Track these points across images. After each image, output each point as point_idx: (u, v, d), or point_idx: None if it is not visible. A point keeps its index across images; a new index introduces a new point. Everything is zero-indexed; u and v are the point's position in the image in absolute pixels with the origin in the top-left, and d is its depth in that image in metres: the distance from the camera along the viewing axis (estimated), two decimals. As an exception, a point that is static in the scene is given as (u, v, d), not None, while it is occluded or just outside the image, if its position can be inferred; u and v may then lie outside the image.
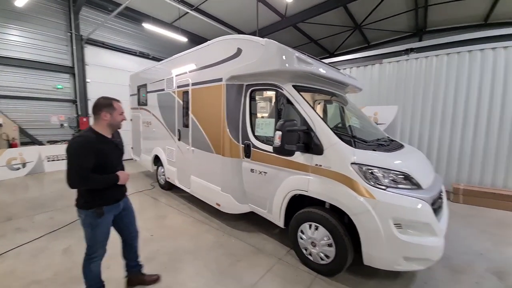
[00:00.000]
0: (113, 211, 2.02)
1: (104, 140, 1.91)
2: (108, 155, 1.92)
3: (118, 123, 1.99)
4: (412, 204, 2.07)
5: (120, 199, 2.07)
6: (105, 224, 1.96)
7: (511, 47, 4.59)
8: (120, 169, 2.06)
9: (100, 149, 1.83)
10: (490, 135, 4.80)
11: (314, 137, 2.48)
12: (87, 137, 1.82)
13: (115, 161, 2.02)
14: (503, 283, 2.46)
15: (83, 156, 1.76)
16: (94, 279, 2.04)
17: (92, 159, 1.78)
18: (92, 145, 1.79)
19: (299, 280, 2.47)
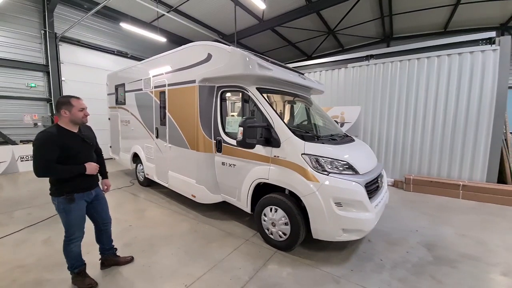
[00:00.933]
0: (84, 197, 2.21)
1: (68, 134, 2.07)
2: (73, 148, 2.07)
3: (79, 119, 2.12)
4: (347, 186, 2.54)
5: (90, 187, 2.27)
6: (77, 209, 2.15)
7: (453, 54, 5.32)
8: (90, 160, 2.21)
9: (63, 142, 2.00)
10: (435, 132, 5.53)
11: (273, 132, 2.90)
12: (50, 132, 1.99)
13: (82, 153, 2.16)
14: (430, 253, 3.00)
15: (46, 149, 1.94)
16: (75, 258, 2.27)
17: (55, 151, 1.96)
18: (55, 139, 1.97)
19: (261, 255, 2.88)
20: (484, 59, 5.12)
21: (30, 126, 7.98)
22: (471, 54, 5.21)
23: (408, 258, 2.84)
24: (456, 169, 5.41)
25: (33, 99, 8.02)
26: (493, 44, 5.12)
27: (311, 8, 8.78)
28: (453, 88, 5.33)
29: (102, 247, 2.58)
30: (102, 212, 2.45)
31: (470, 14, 9.51)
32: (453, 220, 4.00)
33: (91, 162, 2.22)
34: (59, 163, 1.99)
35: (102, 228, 2.49)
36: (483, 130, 5.15)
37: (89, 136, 2.28)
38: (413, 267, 2.67)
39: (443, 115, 5.45)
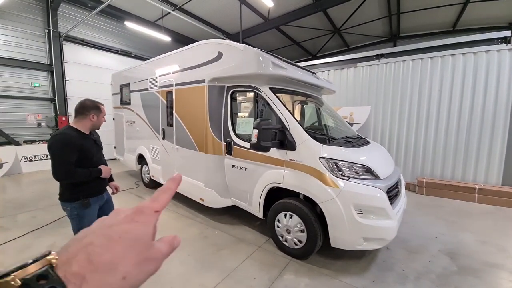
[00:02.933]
0: (98, 202, 2.18)
1: (84, 136, 2.06)
2: (89, 150, 2.06)
3: (100, 124, 2.18)
4: (369, 192, 2.40)
5: (103, 191, 2.24)
6: (91, 215, 2.10)
7: (468, 53, 5.15)
8: (102, 162, 2.22)
9: (81, 144, 1.98)
10: (449, 134, 5.36)
11: (288, 134, 2.76)
12: (68, 134, 1.95)
13: (96, 155, 2.16)
14: (454, 262, 2.85)
15: (66, 152, 1.90)
16: None
17: (74, 154, 1.93)
18: (74, 141, 1.94)
19: (275, 263, 2.74)
20: (500, 58, 4.95)
21: (34, 126, 7.89)
22: (486, 53, 5.04)
23: (431, 268, 2.70)
24: (471, 172, 5.24)
25: (37, 98, 7.93)
26: (508, 43, 4.95)
27: (318, 6, 8.61)
28: (468, 88, 5.16)
29: None
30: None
31: (479, 13, 9.31)
32: (471, 226, 3.84)
33: (103, 164, 2.20)
34: (75, 166, 1.95)
35: None
36: (499, 131, 4.98)
37: (98, 139, 2.28)
38: (438, 278, 2.53)
39: (458, 116, 5.28)
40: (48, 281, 0.26)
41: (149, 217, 0.35)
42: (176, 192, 0.42)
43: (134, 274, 0.30)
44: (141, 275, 0.32)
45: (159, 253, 0.34)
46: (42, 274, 0.26)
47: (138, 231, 0.33)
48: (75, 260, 0.28)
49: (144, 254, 0.32)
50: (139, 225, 0.34)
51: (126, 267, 0.30)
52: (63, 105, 8.27)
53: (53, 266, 0.27)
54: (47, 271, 0.27)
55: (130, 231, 0.33)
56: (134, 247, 0.32)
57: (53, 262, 0.28)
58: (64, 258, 0.29)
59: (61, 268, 0.27)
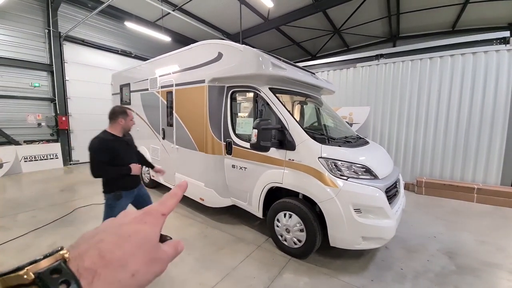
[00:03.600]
0: (129, 196, 2.48)
1: (116, 139, 2.37)
2: (120, 150, 2.35)
3: (129, 127, 2.46)
4: (368, 192, 2.42)
5: (134, 186, 2.53)
6: (121, 206, 2.38)
7: (467, 54, 5.16)
8: (133, 161, 2.47)
9: (113, 146, 2.29)
10: (448, 134, 5.38)
11: (288, 134, 2.78)
12: (103, 138, 2.30)
13: (127, 156, 2.44)
14: (452, 262, 2.87)
15: (100, 153, 2.23)
16: None
17: (107, 155, 2.25)
18: (107, 144, 2.27)
19: (275, 262, 2.76)
20: (499, 59, 4.97)
21: (34, 126, 7.89)
22: (485, 53, 5.06)
23: (429, 267, 2.71)
24: (470, 172, 5.25)
25: (37, 98, 7.93)
26: (507, 44, 4.97)
27: (317, 6, 8.63)
28: (467, 89, 5.18)
29: None
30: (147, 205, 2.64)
31: (478, 13, 9.33)
32: (470, 225, 3.86)
33: (134, 163, 2.44)
34: (109, 164, 2.27)
35: None
36: (497, 131, 5.00)
37: (130, 140, 2.59)
38: (436, 277, 2.54)
39: (457, 116, 5.29)
40: (61, 275, 0.27)
41: (157, 219, 0.37)
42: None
43: (142, 273, 0.32)
44: (149, 274, 0.33)
45: (165, 254, 0.36)
46: (55, 268, 0.27)
47: (147, 232, 0.35)
48: (87, 255, 0.29)
49: (152, 254, 0.33)
50: (148, 226, 0.35)
51: (135, 265, 0.31)
52: (63, 105, 8.28)
53: (66, 260, 0.28)
54: (60, 265, 0.27)
55: (139, 231, 0.34)
56: (143, 247, 0.33)
57: (66, 257, 0.28)
58: (75, 253, 0.29)
59: (73, 263, 0.28)
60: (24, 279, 0.26)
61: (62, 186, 5.73)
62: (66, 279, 0.26)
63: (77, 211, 4.20)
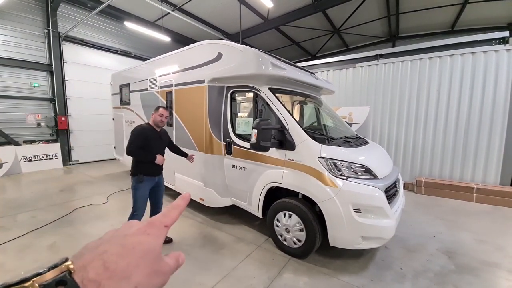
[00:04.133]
0: (150, 181, 2.89)
1: (152, 130, 2.90)
2: (152, 140, 2.86)
3: (156, 121, 2.89)
4: (368, 191, 2.42)
5: (155, 174, 2.95)
6: (143, 188, 2.84)
7: (466, 54, 5.17)
8: (160, 152, 2.95)
9: (148, 135, 2.83)
10: (447, 133, 5.39)
11: (287, 134, 2.78)
12: (142, 127, 2.88)
13: (157, 146, 2.94)
14: (451, 261, 2.87)
15: (137, 137, 2.77)
16: None
17: (141, 140, 2.78)
18: (143, 132, 2.83)
19: (275, 262, 2.76)
20: (498, 59, 4.98)
21: (33, 126, 7.88)
22: (484, 53, 5.07)
23: (429, 266, 2.72)
24: (469, 172, 5.26)
25: (36, 99, 7.91)
26: (506, 43, 4.98)
27: (317, 7, 8.63)
28: (466, 88, 5.19)
29: None
30: (158, 196, 3.12)
31: (478, 13, 9.34)
32: (469, 225, 3.87)
33: (162, 153, 2.96)
34: (142, 148, 2.78)
35: (156, 210, 3.11)
36: (497, 131, 5.01)
37: (164, 136, 3.11)
38: (436, 276, 2.55)
39: (456, 116, 5.30)
40: (66, 287, 0.27)
41: (160, 230, 0.37)
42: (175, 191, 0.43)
43: (144, 285, 0.31)
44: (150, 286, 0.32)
45: (167, 266, 0.35)
46: (61, 280, 0.27)
47: (150, 243, 0.34)
48: (90, 266, 0.29)
49: (154, 266, 0.33)
50: (151, 238, 0.35)
51: (138, 277, 0.31)
52: (63, 105, 8.26)
53: (71, 272, 0.28)
54: (66, 277, 0.27)
55: (143, 242, 0.34)
56: (146, 258, 0.33)
57: (70, 268, 0.28)
58: (80, 264, 0.29)
59: (77, 274, 0.28)
60: None
61: (62, 186, 5.72)
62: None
63: (77, 211, 4.20)
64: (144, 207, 2.88)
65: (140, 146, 2.76)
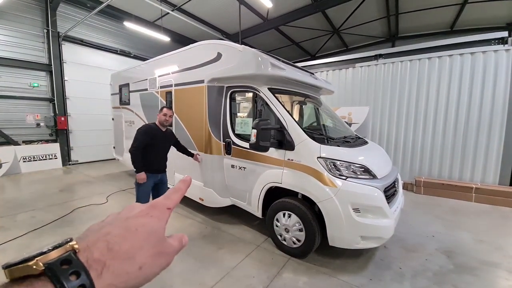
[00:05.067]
0: (152, 178, 2.97)
1: (157, 129, 2.99)
2: (157, 139, 2.95)
3: (161, 121, 2.98)
4: (367, 191, 2.43)
5: (158, 171, 3.05)
6: (145, 185, 2.92)
7: (465, 54, 5.18)
8: (165, 151, 3.12)
9: (154, 134, 2.92)
10: (446, 133, 5.41)
11: (287, 134, 2.79)
12: (149, 126, 2.99)
13: (162, 145, 3.06)
14: (450, 261, 2.88)
15: (143, 135, 2.86)
16: None
17: (147, 138, 2.86)
18: (149, 131, 2.91)
19: (274, 262, 2.76)
20: (497, 59, 5.00)
21: (33, 126, 7.88)
22: (483, 54, 5.08)
23: (428, 266, 2.73)
24: (468, 172, 5.28)
25: (36, 99, 7.91)
26: (505, 44, 4.99)
27: (316, 7, 8.64)
28: (465, 89, 5.21)
29: None
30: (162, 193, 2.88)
31: (477, 13, 9.36)
32: (468, 225, 3.88)
33: (164, 154, 3.12)
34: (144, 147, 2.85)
35: None
36: (496, 131, 5.02)
37: (169, 136, 3.18)
38: (435, 276, 2.56)
39: (455, 116, 5.32)
40: (71, 266, 0.26)
41: (163, 213, 0.37)
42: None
43: (149, 266, 0.32)
44: (155, 267, 0.33)
45: (171, 247, 0.36)
46: (65, 259, 0.27)
47: (153, 225, 0.35)
48: (95, 247, 0.29)
49: (158, 247, 0.34)
50: (154, 219, 0.35)
51: (142, 258, 0.31)
52: (62, 105, 8.26)
53: (76, 251, 0.28)
54: (70, 256, 0.27)
55: (146, 224, 0.34)
56: (149, 240, 0.33)
57: (75, 248, 0.28)
58: (84, 245, 0.29)
59: (82, 254, 0.28)
60: (33, 270, 0.25)
61: (61, 186, 5.72)
62: (76, 270, 0.26)
63: (76, 211, 4.20)
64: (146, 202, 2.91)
65: (145, 144, 2.84)
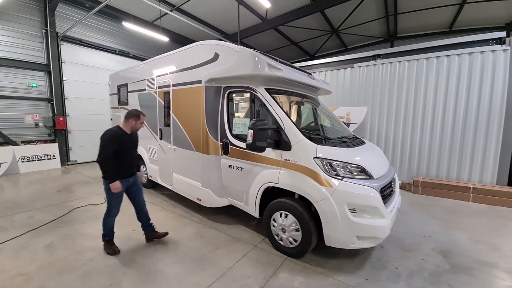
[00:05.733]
0: (125, 183, 2.86)
1: (125, 134, 2.83)
2: (125, 145, 2.81)
3: (137, 128, 2.94)
4: (363, 191, 2.44)
5: (129, 176, 2.94)
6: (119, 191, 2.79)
7: (463, 54, 5.19)
8: (133, 156, 3.02)
9: (121, 140, 2.75)
10: (444, 134, 5.42)
11: (284, 135, 2.79)
12: (115, 131, 2.78)
13: (130, 149, 2.93)
14: (446, 260, 2.89)
15: (110, 142, 2.67)
16: (109, 228, 2.94)
17: (114, 145, 2.68)
18: (117, 137, 2.73)
19: (271, 262, 2.77)
20: (495, 59, 5.01)
21: (31, 127, 7.88)
22: (481, 54, 5.09)
23: (424, 266, 2.73)
24: (466, 172, 5.29)
25: (34, 99, 7.91)
26: (503, 44, 5.00)
27: (315, 7, 8.66)
28: (463, 89, 5.22)
29: (142, 224, 3.19)
30: (138, 195, 3.10)
31: (476, 13, 9.38)
32: (465, 225, 3.89)
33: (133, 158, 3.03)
34: (114, 153, 2.70)
35: (138, 208, 3.12)
36: (493, 131, 5.03)
37: (135, 139, 3.05)
38: (430, 275, 2.56)
39: (453, 116, 5.33)
40: None
41: None
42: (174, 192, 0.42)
43: None
44: None
45: None
46: None
47: None
48: None
49: None
50: None
51: None
52: (61, 105, 8.26)
53: None
54: None
55: None
56: None
57: None
58: None
59: None
60: None
61: (59, 187, 5.72)
62: None
63: (74, 211, 4.20)
64: (119, 207, 2.91)
65: (113, 151, 2.68)
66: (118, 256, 2.84)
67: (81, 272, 2.54)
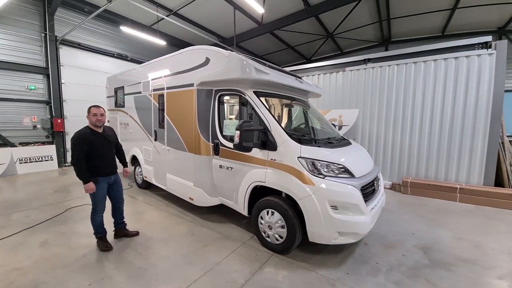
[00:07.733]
0: (106, 180, 2.96)
1: (93, 133, 2.82)
2: (95, 144, 2.77)
3: (92, 122, 2.85)
4: (343, 189, 2.56)
5: (110, 174, 3.02)
6: (100, 188, 2.90)
7: (449, 58, 5.35)
8: (109, 154, 2.99)
9: (89, 139, 2.74)
10: (432, 135, 5.57)
11: (270, 136, 2.93)
12: (82, 132, 2.78)
13: (104, 147, 2.89)
14: (426, 256, 3.00)
15: (77, 145, 2.68)
16: (99, 225, 3.03)
17: (84, 146, 2.68)
18: (85, 137, 2.72)
19: (258, 258, 2.88)
20: (480, 63, 5.17)
21: (29, 128, 7.99)
22: (467, 58, 5.26)
23: (404, 261, 2.85)
24: (453, 172, 5.43)
25: (33, 101, 8.04)
26: (489, 48, 5.17)
27: (309, 12, 8.86)
28: (450, 92, 5.38)
29: (115, 221, 3.31)
30: (118, 193, 3.20)
31: (467, 18, 9.60)
32: (450, 223, 4.01)
33: (110, 155, 3.01)
34: (87, 155, 2.71)
35: (117, 206, 3.24)
36: (479, 133, 5.18)
37: (110, 135, 3.02)
38: (409, 270, 2.68)
39: (440, 118, 5.48)
40: None
41: None
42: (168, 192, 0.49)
43: None
44: None
45: None
46: None
47: None
48: None
49: None
50: None
51: None
52: (59, 107, 8.39)
53: None
54: None
55: None
56: None
57: None
58: None
59: None
60: None
61: (56, 187, 5.82)
62: None
63: (70, 210, 4.31)
64: (104, 204, 3.00)
65: (84, 153, 2.68)
66: (110, 252, 2.95)
67: (74, 267, 2.65)
